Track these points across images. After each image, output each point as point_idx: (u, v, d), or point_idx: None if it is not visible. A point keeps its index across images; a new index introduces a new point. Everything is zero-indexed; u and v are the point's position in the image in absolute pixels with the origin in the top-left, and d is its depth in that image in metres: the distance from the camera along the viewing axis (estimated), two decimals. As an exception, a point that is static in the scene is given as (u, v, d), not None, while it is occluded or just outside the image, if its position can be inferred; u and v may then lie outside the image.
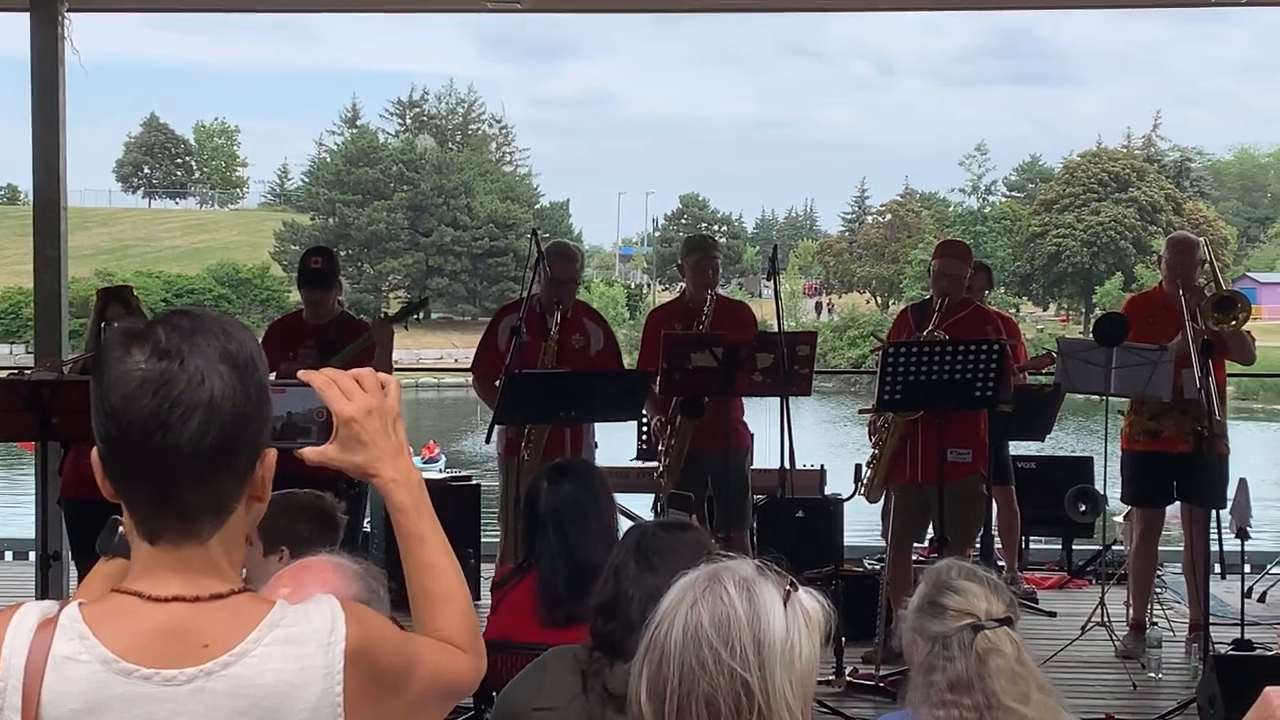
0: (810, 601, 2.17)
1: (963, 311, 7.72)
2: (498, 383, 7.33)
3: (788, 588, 2.14)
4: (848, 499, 8.58)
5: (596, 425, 8.03)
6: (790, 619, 2.11)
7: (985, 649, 2.91)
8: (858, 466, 8.05)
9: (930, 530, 7.80)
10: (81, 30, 9.01)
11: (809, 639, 2.13)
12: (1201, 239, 8.21)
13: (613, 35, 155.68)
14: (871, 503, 7.91)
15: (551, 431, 7.58)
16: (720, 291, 8.39)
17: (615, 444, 9.24)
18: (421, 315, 8.52)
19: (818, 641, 2.15)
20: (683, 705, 2.08)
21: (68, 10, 8.93)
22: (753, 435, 8.21)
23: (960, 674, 2.90)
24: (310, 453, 2.08)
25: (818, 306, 74.51)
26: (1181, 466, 7.55)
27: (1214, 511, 7.48)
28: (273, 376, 2.04)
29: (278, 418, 2.04)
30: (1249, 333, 7.78)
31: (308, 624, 1.92)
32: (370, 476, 2.10)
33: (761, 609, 2.10)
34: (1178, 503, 7.96)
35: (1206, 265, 7.82)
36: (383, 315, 8.49)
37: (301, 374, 2.09)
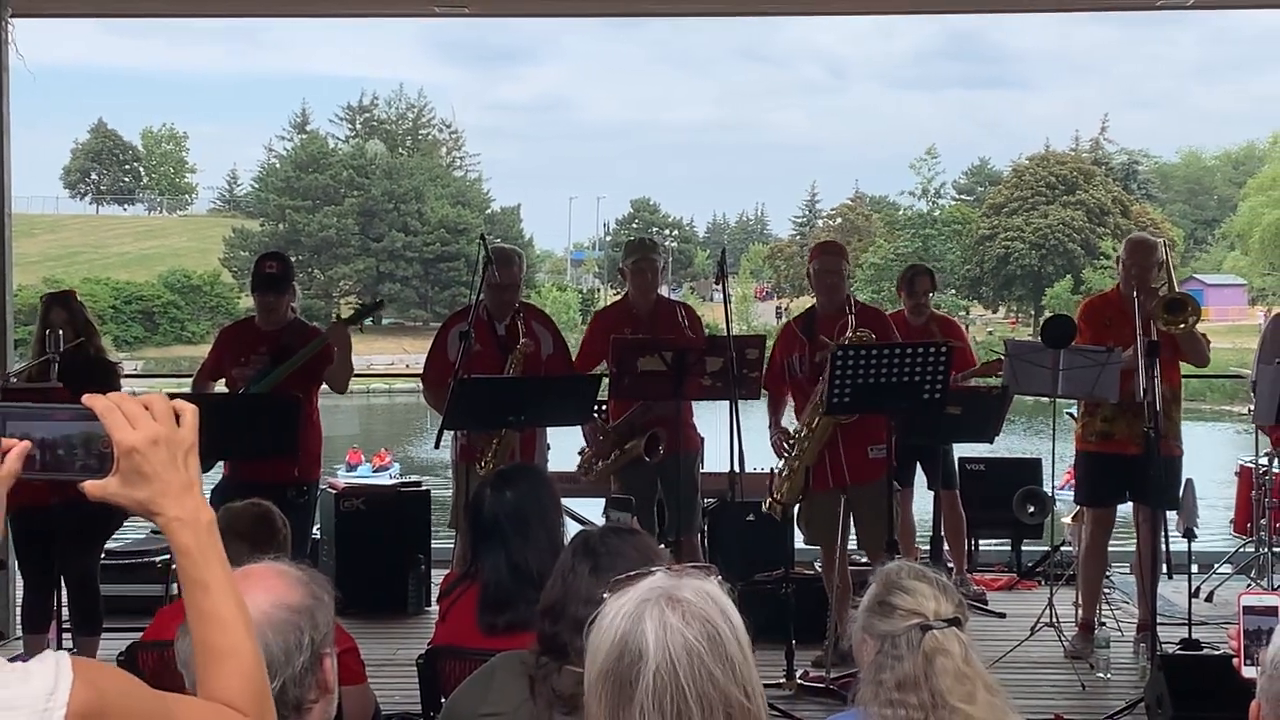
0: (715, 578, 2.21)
1: (858, 307, 7.81)
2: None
3: (714, 577, 2.15)
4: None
5: (549, 429, 8.03)
6: (735, 602, 2.15)
7: (932, 649, 2.92)
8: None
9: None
10: (28, 36, 8.95)
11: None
12: (1160, 240, 8.26)
13: (564, 39, 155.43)
14: (781, 520, 7.80)
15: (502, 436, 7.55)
16: (662, 292, 8.44)
17: (571, 448, 9.22)
18: (374, 319, 8.48)
19: None
20: None
21: (11, 16, 8.86)
22: (703, 439, 8.22)
23: (907, 673, 2.91)
24: (90, 486, 1.86)
25: (777, 311, 74.63)
26: (1134, 468, 7.59)
27: (1164, 512, 7.53)
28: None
29: (49, 444, 1.84)
30: (1203, 335, 7.83)
31: (22, 685, 1.71)
32: (152, 515, 1.88)
33: (725, 607, 2.12)
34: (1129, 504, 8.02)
35: (1162, 268, 7.85)
36: (337, 318, 8.43)
37: (85, 398, 1.86)
